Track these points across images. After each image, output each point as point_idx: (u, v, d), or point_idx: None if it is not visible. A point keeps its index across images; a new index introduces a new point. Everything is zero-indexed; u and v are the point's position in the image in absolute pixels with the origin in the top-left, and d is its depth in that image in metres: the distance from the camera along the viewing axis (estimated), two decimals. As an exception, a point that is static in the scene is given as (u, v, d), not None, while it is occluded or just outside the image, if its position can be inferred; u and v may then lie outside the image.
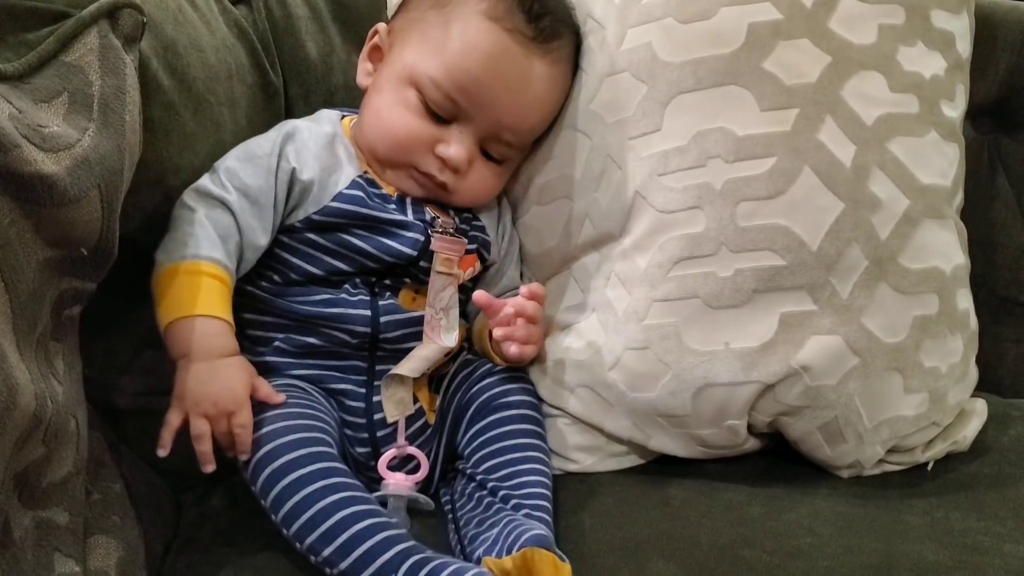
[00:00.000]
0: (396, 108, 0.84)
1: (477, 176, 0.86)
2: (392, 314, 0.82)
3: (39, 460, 0.61)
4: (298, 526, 0.68)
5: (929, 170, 0.82)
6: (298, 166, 0.82)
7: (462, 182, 0.85)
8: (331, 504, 0.68)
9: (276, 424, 0.73)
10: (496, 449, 0.79)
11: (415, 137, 0.83)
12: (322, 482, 0.69)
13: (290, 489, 0.69)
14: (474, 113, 0.83)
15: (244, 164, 0.81)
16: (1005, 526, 0.73)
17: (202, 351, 0.74)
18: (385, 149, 0.85)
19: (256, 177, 0.80)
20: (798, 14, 0.80)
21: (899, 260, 0.79)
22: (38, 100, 0.63)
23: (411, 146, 0.84)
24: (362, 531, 0.67)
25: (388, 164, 0.85)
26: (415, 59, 0.84)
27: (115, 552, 0.69)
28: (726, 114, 0.80)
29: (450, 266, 0.84)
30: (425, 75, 0.83)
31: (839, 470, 0.82)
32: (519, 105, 0.84)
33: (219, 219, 0.78)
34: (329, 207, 0.82)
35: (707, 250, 0.79)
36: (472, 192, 0.87)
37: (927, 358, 0.80)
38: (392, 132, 0.84)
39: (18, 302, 0.58)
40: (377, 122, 0.85)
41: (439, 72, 0.82)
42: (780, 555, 0.69)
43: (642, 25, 0.83)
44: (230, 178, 0.80)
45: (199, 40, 0.82)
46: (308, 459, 0.70)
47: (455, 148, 0.83)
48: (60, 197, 0.61)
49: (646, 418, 0.82)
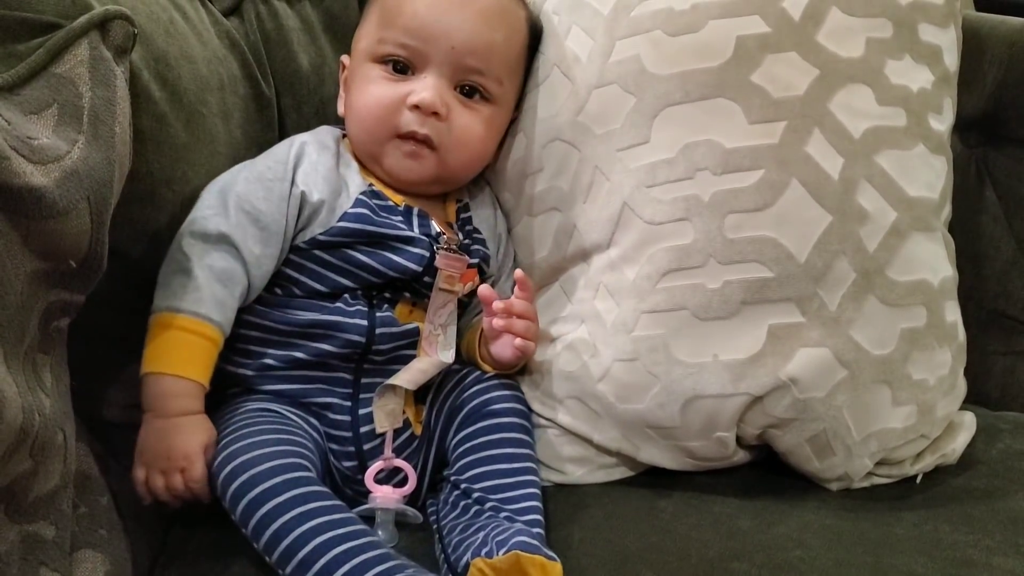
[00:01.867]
0: (362, 88, 0.86)
1: (460, 124, 0.86)
2: (388, 327, 0.82)
3: (26, 474, 0.61)
4: (278, 555, 0.68)
5: (917, 183, 0.82)
6: (307, 189, 0.82)
7: (447, 133, 0.85)
8: (307, 531, 0.68)
9: (251, 453, 0.72)
10: (484, 457, 0.79)
11: (383, 99, 0.85)
12: (298, 509, 0.69)
13: (267, 519, 0.69)
14: (428, 49, 0.84)
15: (255, 187, 0.80)
16: (994, 539, 0.74)
17: (164, 409, 0.75)
18: (368, 131, 0.86)
19: (268, 202, 0.80)
20: (786, 27, 0.80)
21: (887, 272, 0.79)
22: (28, 112, 0.63)
23: (384, 110, 0.84)
24: (339, 556, 0.67)
25: (377, 146, 0.86)
26: (364, 40, 0.88)
27: (102, 567, 0.69)
28: (714, 126, 0.80)
29: (452, 283, 0.84)
30: (373, 40, 0.86)
31: (828, 483, 0.82)
32: (466, 20, 0.85)
33: (219, 263, 0.78)
34: (336, 227, 0.82)
35: (695, 262, 0.79)
36: (462, 145, 0.86)
37: (915, 370, 0.80)
38: (364, 108, 0.85)
39: (5, 314, 0.58)
40: (354, 113, 0.87)
41: (384, 31, 0.85)
42: (769, 568, 0.69)
43: (630, 37, 0.84)
44: (239, 203, 0.79)
45: (190, 51, 0.82)
46: (284, 487, 0.70)
47: (424, 91, 0.84)
48: (49, 209, 0.61)
49: (635, 430, 0.82)
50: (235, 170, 0.83)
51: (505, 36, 0.87)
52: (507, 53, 0.88)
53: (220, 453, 0.73)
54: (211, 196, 0.81)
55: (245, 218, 0.79)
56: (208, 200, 0.80)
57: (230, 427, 0.75)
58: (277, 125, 0.93)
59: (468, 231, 0.89)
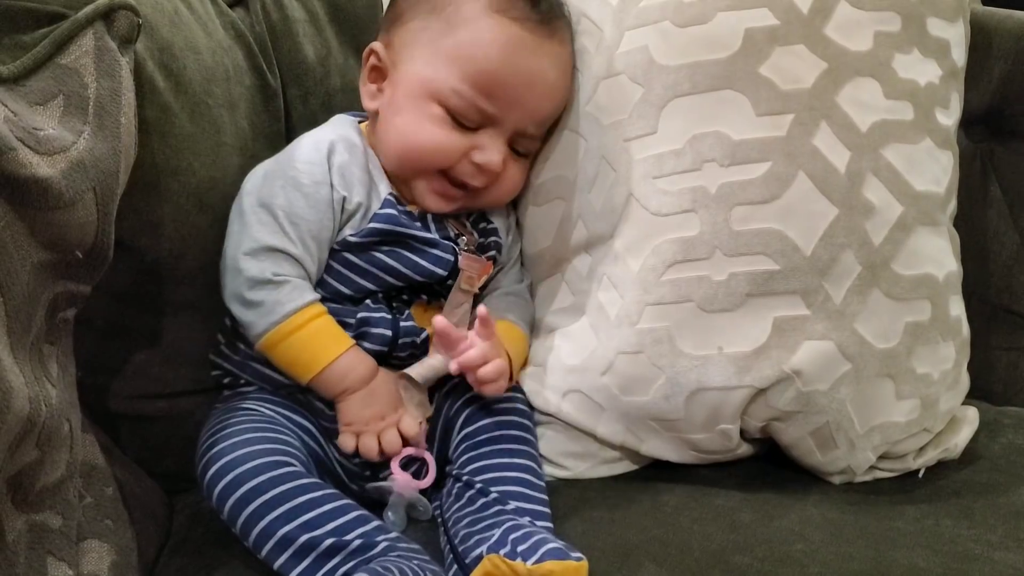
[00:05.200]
0: (422, 125, 0.82)
1: (507, 177, 0.86)
2: (410, 336, 0.82)
3: (32, 464, 0.61)
4: (267, 552, 0.70)
5: (923, 177, 0.82)
6: (348, 194, 0.81)
7: (495, 185, 0.85)
8: (295, 528, 0.69)
9: (237, 452, 0.73)
10: (486, 452, 0.79)
11: (449, 151, 0.82)
12: (285, 505, 0.70)
13: (254, 518, 0.70)
14: (502, 114, 0.82)
15: (296, 197, 0.79)
16: (995, 534, 0.74)
17: (350, 386, 0.79)
18: (414, 163, 0.83)
19: (316, 212, 0.80)
20: (795, 20, 0.80)
21: (892, 266, 0.79)
22: (33, 103, 0.63)
23: (445, 159, 0.82)
24: (325, 550, 0.69)
25: (413, 175, 0.84)
26: (430, 73, 0.82)
27: (108, 556, 0.69)
28: (722, 118, 0.80)
29: (472, 284, 0.85)
30: (446, 87, 0.81)
31: (831, 476, 0.83)
32: (541, 95, 0.84)
33: (285, 267, 0.78)
34: (367, 228, 0.81)
35: (701, 254, 0.79)
36: (503, 193, 0.87)
37: (919, 364, 0.80)
38: (423, 149, 0.82)
39: (12, 305, 0.58)
40: (402, 141, 0.83)
41: (460, 81, 0.81)
42: (771, 561, 0.70)
43: (639, 28, 0.83)
44: (291, 220, 0.79)
45: (196, 42, 0.82)
46: (268, 484, 0.71)
47: (491, 154, 0.82)
48: (55, 200, 0.61)
49: (639, 422, 0.82)
50: (263, 175, 0.82)
51: (564, 98, 0.87)
52: (560, 110, 0.88)
53: (204, 456, 0.74)
54: (256, 213, 0.79)
55: (302, 242, 0.79)
56: (255, 217, 0.79)
57: (213, 428, 0.76)
58: (283, 116, 0.93)
59: (482, 228, 0.89)
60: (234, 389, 0.84)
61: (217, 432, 0.75)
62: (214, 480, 0.72)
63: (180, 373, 0.87)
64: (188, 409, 0.87)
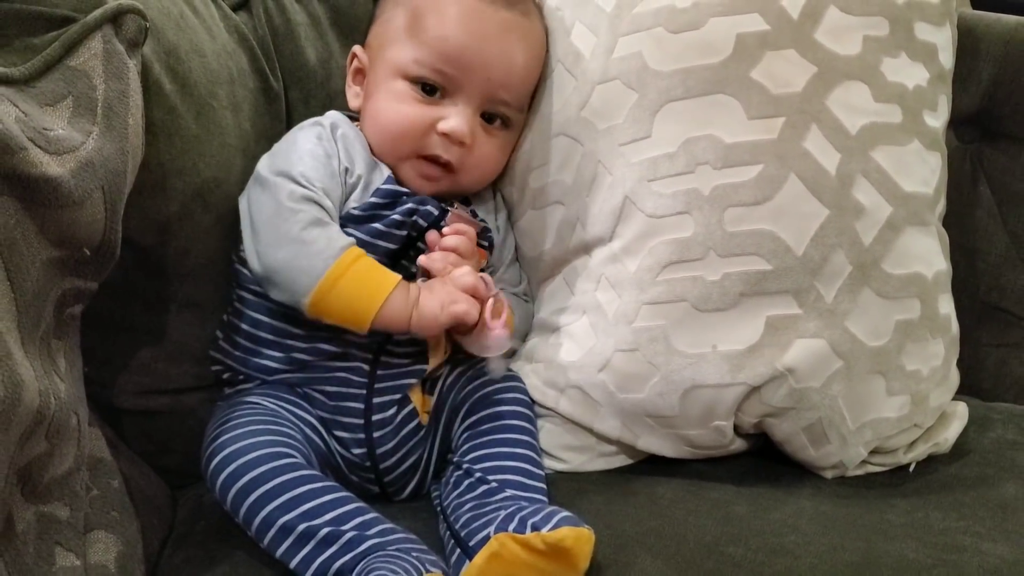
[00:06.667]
0: (389, 102, 0.85)
1: (481, 151, 0.87)
2: None
3: (41, 455, 0.62)
4: (268, 541, 0.71)
5: (912, 178, 0.83)
6: (350, 166, 0.83)
7: (468, 157, 0.86)
8: (294, 517, 0.70)
9: (239, 444, 0.74)
10: (487, 441, 0.80)
11: (414, 122, 0.84)
12: (285, 496, 0.71)
13: (255, 508, 0.71)
14: (464, 78, 0.84)
15: (315, 165, 0.80)
16: (984, 525, 0.75)
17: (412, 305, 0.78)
18: (390, 144, 0.86)
19: (331, 180, 0.81)
20: (785, 25, 0.81)
21: (882, 266, 0.80)
22: (44, 104, 0.64)
23: (412, 132, 0.85)
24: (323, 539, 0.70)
25: (395, 159, 0.86)
26: (394, 53, 0.86)
27: (114, 547, 0.70)
28: (714, 122, 0.81)
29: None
30: (407, 59, 0.85)
31: (823, 470, 0.83)
32: (500, 58, 0.85)
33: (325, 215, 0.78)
34: (369, 202, 0.83)
35: (695, 254, 0.80)
36: (478, 168, 0.88)
37: (909, 361, 0.81)
38: (391, 124, 0.85)
39: (23, 300, 0.59)
40: (376, 122, 0.86)
41: (419, 50, 0.84)
42: (764, 552, 0.70)
43: (633, 34, 0.84)
44: (311, 183, 0.79)
45: (200, 45, 0.83)
46: (269, 475, 0.72)
47: (455, 120, 0.84)
48: (64, 198, 0.62)
49: (635, 419, 0.83)
50: (271, 155, 0.83)
51: (535, 66, 0.89)
52: (533, 82, 0.89)
53: (208, 448, 0.75)
54: (279, 178, 0.79)
55: (323, 189, 0.79)
56: (281, 180, 0.79)
57: (218, 422, 0.77)
58: (285, 118, 0.94)
59: None
60: (234, 385, 0.84)
61: (221, 426, 0.76)
62: (217, 471, 0.73)
63: (183, 369, 0.87)
64: (191, 405, 0.87)
